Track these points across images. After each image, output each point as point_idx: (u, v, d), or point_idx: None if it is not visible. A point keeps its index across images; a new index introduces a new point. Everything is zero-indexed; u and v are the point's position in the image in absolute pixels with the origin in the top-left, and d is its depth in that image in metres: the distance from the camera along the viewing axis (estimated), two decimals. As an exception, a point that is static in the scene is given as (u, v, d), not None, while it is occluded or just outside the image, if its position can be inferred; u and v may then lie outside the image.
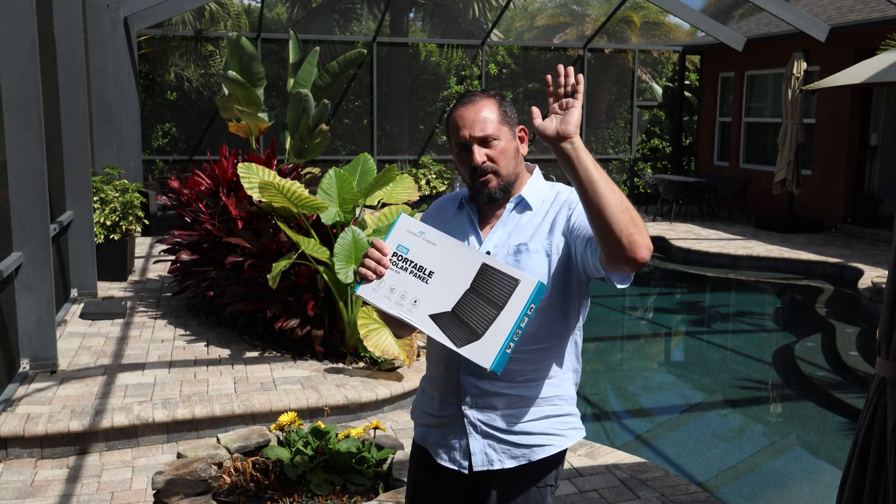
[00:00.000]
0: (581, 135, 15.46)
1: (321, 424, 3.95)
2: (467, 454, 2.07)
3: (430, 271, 1.92)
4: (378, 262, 1.93)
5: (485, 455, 2.06)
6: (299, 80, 7.74)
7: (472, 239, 2.09)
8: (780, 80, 12.99)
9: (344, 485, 3.73)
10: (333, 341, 5.79)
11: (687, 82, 16.43)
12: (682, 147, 16.35)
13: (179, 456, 3.92)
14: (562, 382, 2.10)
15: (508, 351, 1.85)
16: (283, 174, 6.68)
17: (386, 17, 17.65)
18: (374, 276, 1.94)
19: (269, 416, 4.69)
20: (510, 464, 2.06)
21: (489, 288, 1.87)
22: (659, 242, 11.93)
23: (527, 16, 32.88)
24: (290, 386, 5.09)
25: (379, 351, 5.11)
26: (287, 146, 8.02)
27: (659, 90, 16.76)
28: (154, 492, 3.52)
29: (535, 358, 2.04)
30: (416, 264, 1.94)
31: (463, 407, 2.07)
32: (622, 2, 15.31)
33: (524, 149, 2.10)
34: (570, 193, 2.09)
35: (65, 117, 7.06)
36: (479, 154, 2.02)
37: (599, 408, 6.02)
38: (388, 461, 3.89)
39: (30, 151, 5.14)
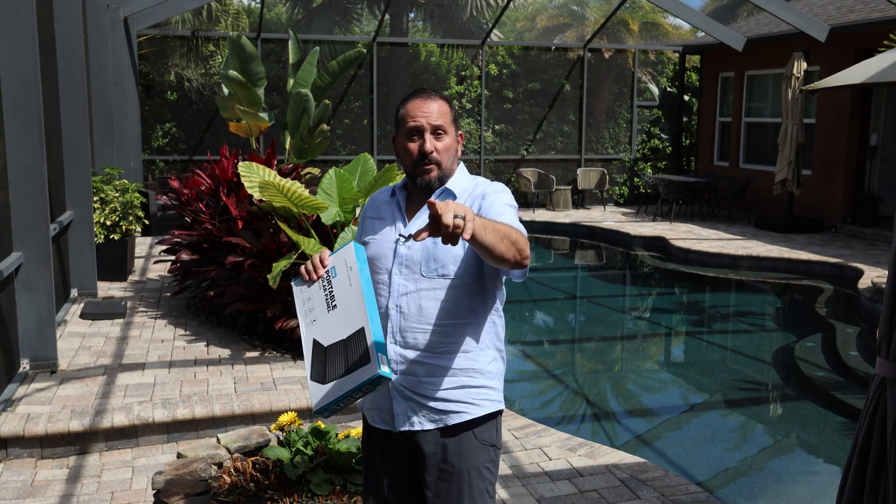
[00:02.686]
0: (581, 135, 15.19)
1: (321, 424, 3.95)
2: (392, 416, 2.29)
3: (335, 304, 2.12)
4: (315, 270, 2.19)
5: (406, 417, 2.28)
6: (299, 80, 7.73)
7: (399, 222, 2.32)
8: (780, 80, 12.99)
9: (344, 485, 3.73)
10: (333, 341, 5.79)
11: (687, 83, 16.43)
12: (682, 147, 16.35)
13: (179, 456, 3.92)
14: (478, 357, 2.30)
15: (336, 408, 2.11)
16: (283, 174, 6.68)
17: (386, 17, 17.66)
18: (307, 279, 2.19)
19: (269, 416, 4.69)
20: (429, 426, 2.27)
21: (353, 350, 2.05)
22: (659, 242, 11.94)
23: (527, 16, 32.92)
24: (290, 386, 5.09)
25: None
26: (287, 146, 8.02)
27: (656, 91, 16.75)
28: (154, 492, 3.52)
29: (452, 332, 2.26)
30: (331, 292, 2.14)
31: None
32: (622, 2, 15.32)
33: (459, 150, 2.37)
34: (486, 186, 2.33)
35: (65, 117, 7.06)
36: (431, 142, 2.25)
37: (599, 408, 6.02)
38: (388, 461, 3.89)
39: (30, 152, 5.14)
